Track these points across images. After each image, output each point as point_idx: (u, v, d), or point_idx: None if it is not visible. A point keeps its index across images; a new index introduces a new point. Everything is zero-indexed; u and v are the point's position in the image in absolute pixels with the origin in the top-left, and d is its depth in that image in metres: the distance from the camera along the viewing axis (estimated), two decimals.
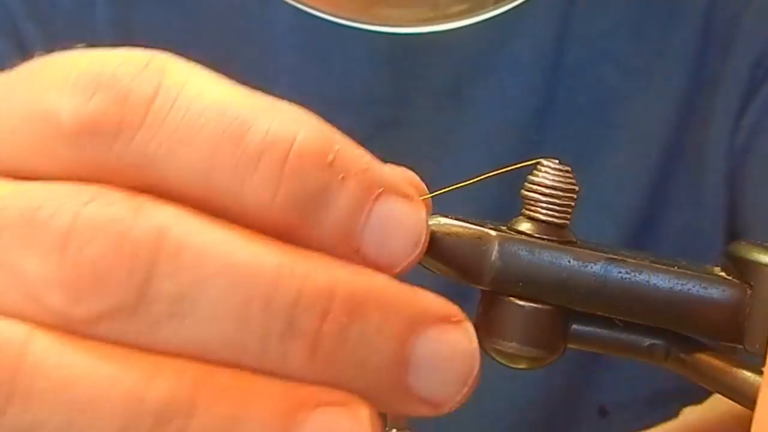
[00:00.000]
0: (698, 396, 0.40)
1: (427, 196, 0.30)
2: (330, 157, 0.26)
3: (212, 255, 0.25)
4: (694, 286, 0.29)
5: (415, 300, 0.27)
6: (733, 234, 0.62)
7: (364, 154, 0.28)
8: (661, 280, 0.29)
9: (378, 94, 0.62)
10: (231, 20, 0.62)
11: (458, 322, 0.27)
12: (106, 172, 0.25)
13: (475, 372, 0.27)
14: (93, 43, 0.65)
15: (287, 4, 0.50)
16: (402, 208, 0.27)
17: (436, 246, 0.30)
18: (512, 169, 0.31)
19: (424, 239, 0.27)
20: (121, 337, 0.25)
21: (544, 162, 0.30)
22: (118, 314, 0.24)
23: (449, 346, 0.27)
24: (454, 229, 0.30)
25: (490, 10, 0.43)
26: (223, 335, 0.25)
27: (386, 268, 0.27)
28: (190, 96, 0.26)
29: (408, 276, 0.30)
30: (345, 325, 0.25)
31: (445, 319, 0.27)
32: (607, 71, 0.61)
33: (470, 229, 0.29)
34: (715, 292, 0.29)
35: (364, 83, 0.62)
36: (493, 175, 0.31)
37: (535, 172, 0.30)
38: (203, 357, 0.25)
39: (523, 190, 0.30)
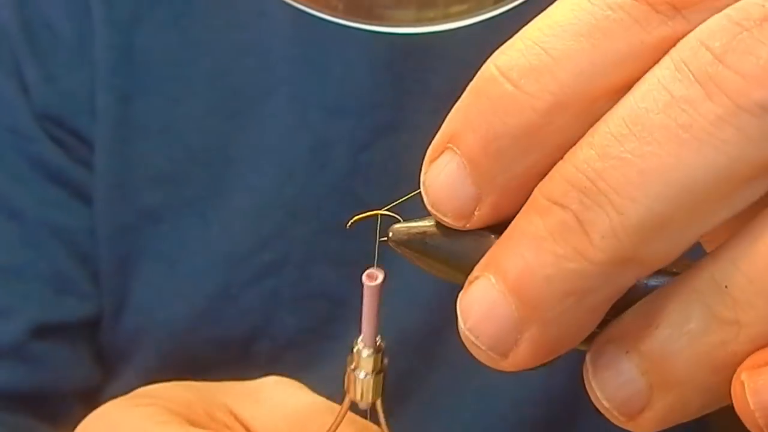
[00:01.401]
0: None
1: (390, 206, 0.31)
2: None
3: None
4: None
5: None
6: None
7: None
8: (659, 283, 0.29)
9: (377, 100, 0.62)
10: (228, 33, 0.63)
11: None
12: None
13: None
14: (89, 73, 0.66)
15: (284, 13, 0.50)
16: None
17: (433, 247, 0.30)
18: None
19: None
20: None
21: None
22: None
23: None
24: (452, 231, 0.30)
25: (490, 11, 0.42)
26: None
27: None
28: None
29: (409, 277, 0.30)
30: None
31: None
32: None
33: (468, 230, 0.29)
34: None
35: (364, 89, 0.62)
36: None
37: None
38: None
39: None
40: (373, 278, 0.34)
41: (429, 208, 0.29)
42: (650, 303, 0.27)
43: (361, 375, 0.37)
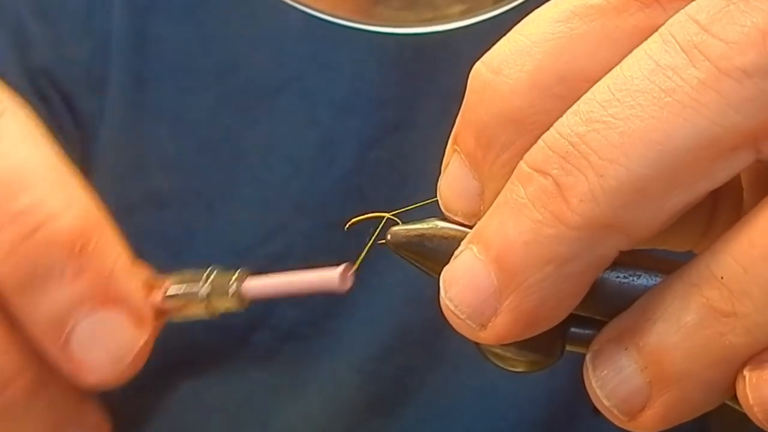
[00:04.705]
0: None
1: (397, 211, 0.31)
2: (78, 246, 0.28)
3: None
4: None
5: None
6: None
7: (122, 260, 0.30)
8: (656, 283, 0.29)
9: (386, 97, 0.62)
10: (241, 28, 0.63)
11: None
12: None
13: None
14: (102, 48, 0.66)
15: (296, 11, 0.50)
16: (122, 326, 0.30)
17: (431, 250, 0.30)
18: None
19: (130, 361, 0.30)
20: None
21: None
22: None
23: None
24: (451, 233, 0.30)
25: (490, 11, 0.43)
26: None
27: (84, 373, 0.29)
28: None
29: (410, 274, 0.30)
30: None
31: None
32: None
33: (466, 233, 0.29)
34: None
35: (372, 86, 0.62)
36: None
37: None
38: None
39: None
40: (346, 277, 0.32)
41: (443, 210, 0.29)
42: (647, 299, 0.27)
43: (203, 294, 0.33)
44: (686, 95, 0.25)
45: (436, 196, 0.30)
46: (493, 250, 0.27)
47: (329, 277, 0.32)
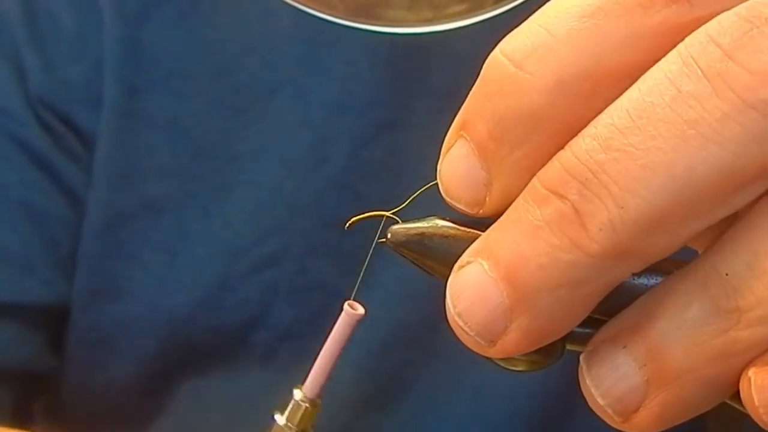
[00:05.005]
0: None
1: (396, 209, 0.30)
2: None
3: None
4: None
5: None
6: None
7: None
8: (656, 282, 0.29)
9: (378, 97, 0.62)
10: (233, 32, 0.64)
11: None
12: None
13: None
14: (97, 65, 0.67)
15: (288, 13, 0.50)
16: None
17: (431, 248, 0.30)
18: None
19: None
20: None
21: None
22: None
23: None
24: (451, 232, 0.30)
25: (490, 11, 0.43)
26: None
27: None
28: None
29: (406, 270, 0.30)
30: None
31: None
32: None
33: (466, 232, 0.29)
34: None
35: (365, 86, 0.62)
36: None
37: None
38: None
39: None
40: (354, 309, 0.33)
41: (444, 196, 0.29)
42: (648, 298, 0.27)
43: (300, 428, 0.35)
44: (710, 128, 0.24)
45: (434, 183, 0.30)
46: (504, 268, 0.26)
47: (346, 321, 0.33)
